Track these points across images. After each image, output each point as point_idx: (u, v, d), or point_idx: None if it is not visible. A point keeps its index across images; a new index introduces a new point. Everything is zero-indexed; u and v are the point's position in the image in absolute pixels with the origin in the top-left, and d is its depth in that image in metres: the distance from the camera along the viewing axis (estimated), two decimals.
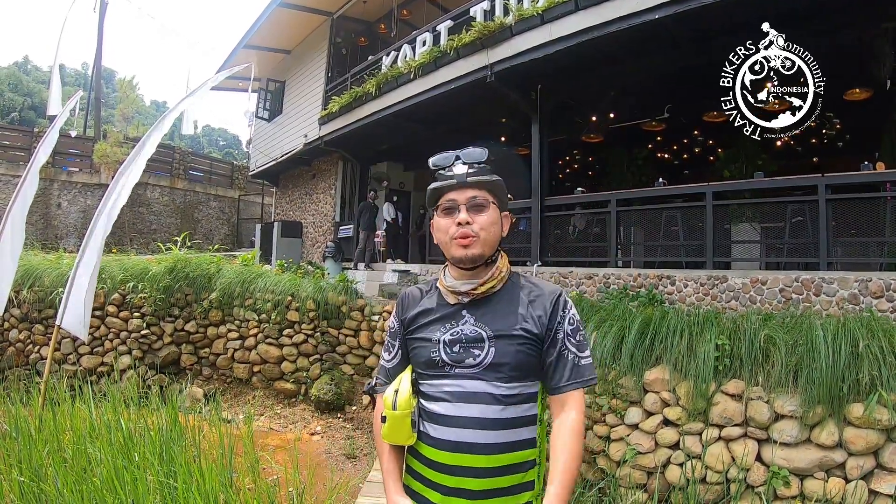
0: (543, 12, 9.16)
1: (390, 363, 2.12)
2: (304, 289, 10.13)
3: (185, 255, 10.94)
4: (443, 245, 2.01)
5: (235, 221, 28.18)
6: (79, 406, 5.41)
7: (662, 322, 6.24)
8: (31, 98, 48.73)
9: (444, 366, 1.90)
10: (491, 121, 12.70)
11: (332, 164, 17.95)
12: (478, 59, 10.45)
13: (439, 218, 2.00)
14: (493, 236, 1.97)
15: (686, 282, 7.77)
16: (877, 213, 6.92)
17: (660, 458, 5.63)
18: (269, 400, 9.85)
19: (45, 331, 10.02)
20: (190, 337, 10.34)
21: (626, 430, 5.98)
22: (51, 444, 4.61)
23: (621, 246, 9.72)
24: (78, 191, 22.62)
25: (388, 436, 1.93)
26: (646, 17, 7.86)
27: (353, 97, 13.97)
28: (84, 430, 4.80)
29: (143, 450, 4.25)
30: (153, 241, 21.95)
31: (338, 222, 17.29)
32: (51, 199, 21.42)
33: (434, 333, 1.96)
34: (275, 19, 16.99)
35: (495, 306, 1.96)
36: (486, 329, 1.90)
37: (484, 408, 1.83)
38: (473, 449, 1.81)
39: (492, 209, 1.98)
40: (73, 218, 22.34)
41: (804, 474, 4.85)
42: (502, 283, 2.01)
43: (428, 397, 1.93)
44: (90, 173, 23.09)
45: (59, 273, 10.25)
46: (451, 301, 2.00)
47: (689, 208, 8.69)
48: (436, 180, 2.02)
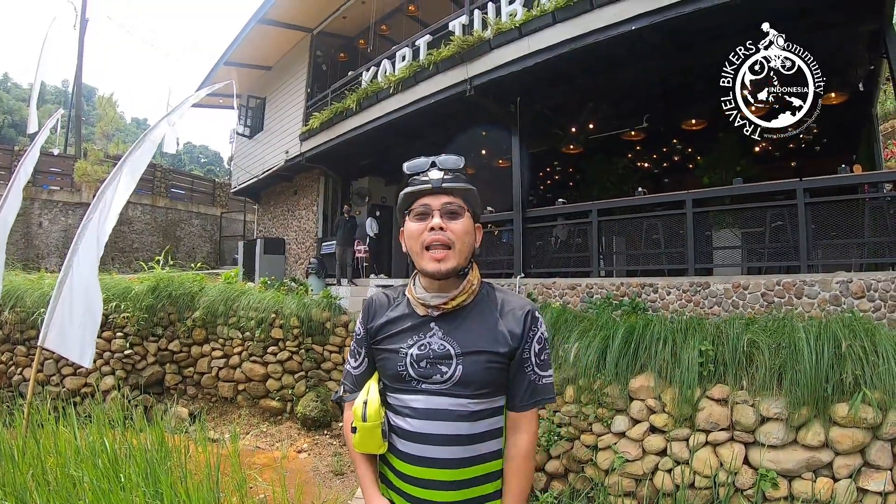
0: (521, 26, 9.24)
1: (357, 370, 2.07)
2: (288, 306, 10.11)
3: (167, 274, 10.90)
4: (414, 254, 1.92)
5: (218, 239, 28.02)
6: (63, 428, 5.33)
7: (646, 330, 6.27)
8: (12, 116, 48.62)
9: (411, 380, 1.86)
10: (471, 134, 12.73)
11: (314, 179, 17.91)
12: (457, 73, 10.50)
13: (411, 222, 1.92)
14: (467, 246, 1.90)
15: (669, 289, 7.80)
16: (856, 215, 6.99)
17: (648, 465, 5.64)
18: (255, 418, 9.79)
19: (27, 352, 9.92)
20: (174, 356, 10.29)
21: (614, 439, 5.99)
22: (35, 467, 4.52)
23: (603, 255, 9.74)
24: (59, 210, 22.42)
25: (359, 445, 1.91)
26: (622, 29, 7.96)
27: (334, 113, 13.97)
28: (69, 453, 4.72)
29: (128, 471, 4.20)
30: (135, 259, 21.84)
31: (320, 238, 17.21)
32: (32, 219, 21.23)
33: (401, 345, 1.91)
34: (255, 36, 17.01)
35: (465, 320, 1.92)
36: (454, 345, 1.86)
37: (450, 424, 1.81)
38: (440, 464, 1.81)
39: (466, 217, 1.91)
40: (55, 237, 22.15)
41: (792, 475, 4.87)
42: (473, 297, 1.96)
43: (395, 411, 1.90)
44: (71, 192, 22.92)
45: (41, 293, 10.15)
46: (420, 312, 1.95)
47: (670, 216, 8.72)
48: (409, 186, 1.96)
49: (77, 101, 27.41)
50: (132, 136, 51.30)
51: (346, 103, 13.42)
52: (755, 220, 8.16)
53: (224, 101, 20.13)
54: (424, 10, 15.39)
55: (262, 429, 9.50)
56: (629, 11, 7.87)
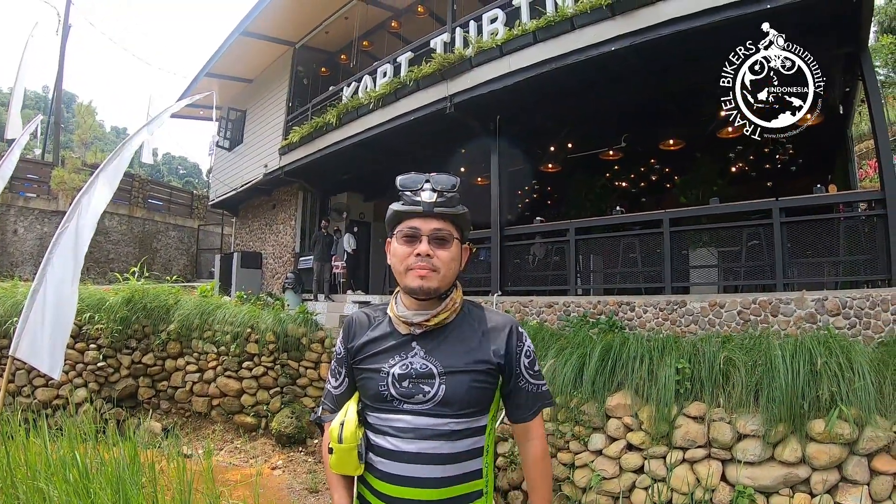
0: (503, 44, 9.35)
1: (337, 390, 2.06)
2: (264, 321, 10.05)
3: (142, 286, 10.80)
4: (397, 272, 1.93)
5: (195, 251, 27.82)
6: (34, 440, 5.26)
7: (623, 348, 6.31)
8: None
9: (393, 400, 1.85)
10: (451, 151, 12.78)
11: (293, 194, 17.87)
12: (437, 90, 10.58)
13: (398, 244, 1.92)
14: (452, 272, 1.92)
15: (646, 307, 7.85)
16: (830, 234, 7.11)
17: (625, 482, 5.65)
18: (229, 434, 9.70)
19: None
20: (147, 369, 10.18)
21: (591, 457, 6.00)
22: (3, 479, 4.45)
23: (581, 274, 9.79)
24: (35, 217, 22.14)
25: (336, 466, 1.89)
26: (602, 49, 8.12)
27: (314, 127, 13.98)
28: (39, 466, 4.64)
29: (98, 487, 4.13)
30: (110, 270, 21.61)
31: (297, 253, 17.15)
32: (7, 226, 21.01)
33: (383, 364, 1.90)
34: (237, 48, 16.98)
35: (447, 339, 1.92)
36: (436, 364, 1.86)
37: (432, 443, 1.80)
38: (421, 483, 1.79)
39: (454, 245, 1.92)
40: (30, 245, 21.86)
41: (770, 491, 4.91)
42: (455, 315, 1.95)
43: (375, 430, 1.89)
44: (48, 199, 22.63)
45: (14, 302, 10.06)
46: (401, 330, 1.93)
47: (648, 235, 8.79)
48: (399, 200, 1.95)
49: (56, 108, 27.13)
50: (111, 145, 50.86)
51: (327, 118, 13.43)
52: (732, 240, 8.24)
53: (204, 113, 20.04)
54: (407, 27, 15.48)
55: (237, 445, 9.41)
56: (608, 33, 8.05)
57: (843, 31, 7.38)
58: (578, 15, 8.34)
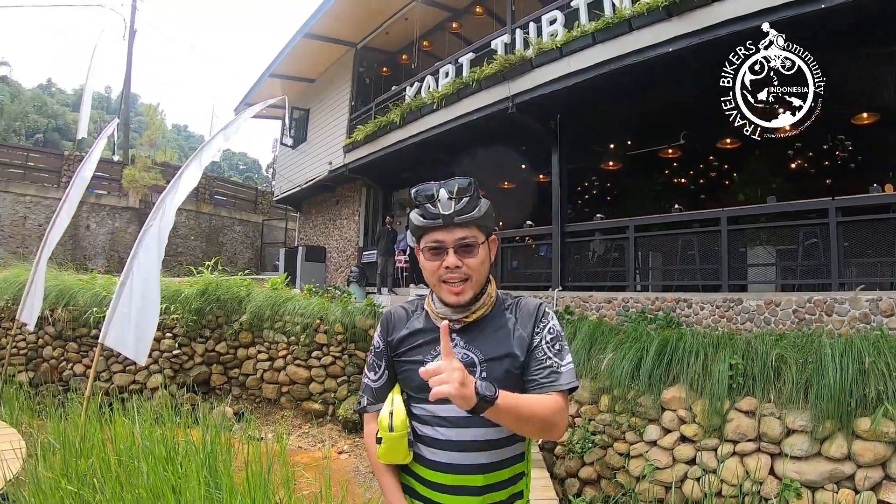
0: (562, 46, 9.49)
1: (377, 383, 2.07)
2: (333, 312, 10.38)
3: (216, 279, 11.26)
4: (432, 285, 1.96)
5: (259, 245, 28.52)
6: (120, 420, 5.66)
7: (679, 343, 6.44)
8: (56, 120, 49.60)
9: None
10: (511, 148, 12.96)
11: (356, 190, 18.28)
12: (499, 90, 10.78)
13: (426, 259, 1.93)
14: (483, 274, 1.92)
15: (703, 305, 7.95)
16: (887, 234, 7.06)
17: (677, 473, 5.81)
18: (298, 419, 10.03)
19: (78, 349, 10.38)
20: (220, 357, 10.61)
21: (645, 447, 6.17)
22: (97, 455, 4.88)
23: (639, 270, 9.89)
24: (106, 213, 23.20)
25: (384, 456, 1.92)
26: (660, 51, 8.20)
27: (378, 126, 14.35)
28: (125, 444, 5.09)
29: (186, 462, 4.54)
30: (179, 263, 22.37)
31: (361, 247, 17.57)
32: (80, 221, 21.79)
33: (426, 356, 1.92)
34: (300, 49, 17.52)
35: (485, 329, 1.94)
36: (477, 353, 1.89)
37: (476, 431, 1.83)
38: (468, 470, 1.84)
39: (481, 249, 1.91)
40: (102, 239, 22.93)
41: (815, 486, 5.01)
42: (491, 308, 1.98)
43: (420, 420, 1.92)
44: (119, 196, 23.74)
45: (93, 293, 10.61)
46: (439, 324, 1.82)
47: (705, 233, 8.85)
48: (417, 208, 1.94)
49: (125, 110, 28.21)
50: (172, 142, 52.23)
51: (390, 117, 13.79)
52: (789, 238, 8.27)
53: (267, 112, 20.56)
54: (467, 28, 15.72)
55: (304, 430, 9.73)
56: (665, 34, 8.11)
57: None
58: (636, 16, 8.40)
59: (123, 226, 23.77)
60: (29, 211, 21.78)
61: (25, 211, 21.71)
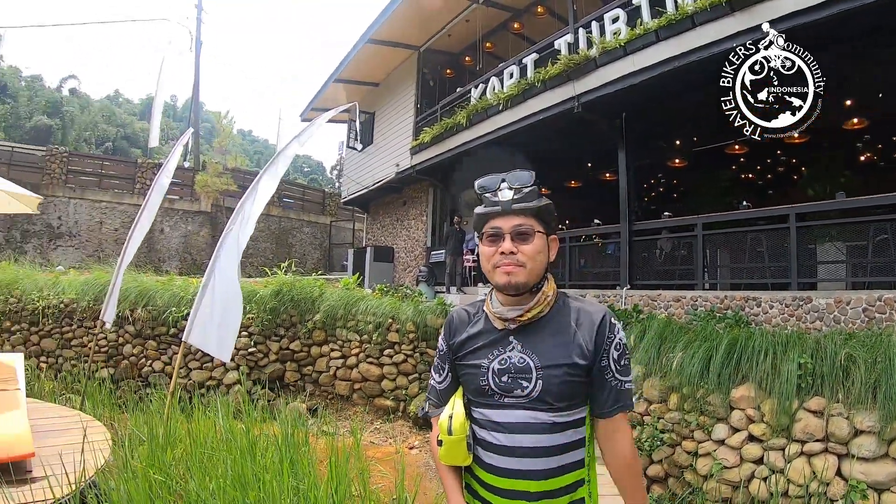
0: (626, 44, 9.53)
1: (441, 385, 2.12)
2: (404, 311, 10.70)
3: (290, 280, 11.71)
4: (486, 272, 1.97)
5: (327, 246, 29.19)
6: (200, 414, 6.14)
7: (748, 342, 6.43)
8: (124, 129, 51.46)
9: (494, 395, 1.90)
10: (576, 147, 13.00)
11: (423, 191, 18.54)
12: (564, 90, 10.89)
13: (484, 245, 1.96)
14: (539, 265, 1.91)
15: (771, 303, 7.89)
16: None
17: (744, 472, 5.85)
18: (369, 416, 10.36)
19: (157, 346, 11.02)
20: (294, 355, 11.05)
21: (713, 446, 6.22)
22: (183, 446, 5.29)
23: (707, 269, 9.82)
24: (179, 217, 24.31)
25: (445, 457, 1.96)
26: (724, 46, 8.10)
27: (445, 128, 14.62)
28: (207, 436, 5.47)
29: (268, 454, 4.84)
30: (251, 265, 23.09)
31: (429, 247, 17.83)
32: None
33: (483, 360, 1.94)
34: (363, 54, 17.92)
35: (543, 333, 1.93)
36: (533, 358, 1.88)
37: (534, 437, 1.84)
38: (526, 475, 1.84)
39: (537, 238, 1.91)
40: (175, 242, 24.04)
41: (882, 488, 4.99)
42: (549, 308, 1.95)
43: (480, 424, 1.94)
44: (191, 201, 24.87)
45: (171, 294, 11.23)
46: (498, 326, 1.96)
47: (774, 230, 8.74)
48: (481, 203, 2.01)
49: (195, 119, 29.18)
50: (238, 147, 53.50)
51: (457, 119, 14.02)
52: (859, 234, 8.12)
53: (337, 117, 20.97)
54: (529, 28, 15.80)
55: (376, 426, 10.01)
56: (728, 30, 8.07)
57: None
58: (699, 12, 8.39)
59: (196, 229, 24.79)
60: (105, 216, 22.91)
61: (101, 216, 22.86)
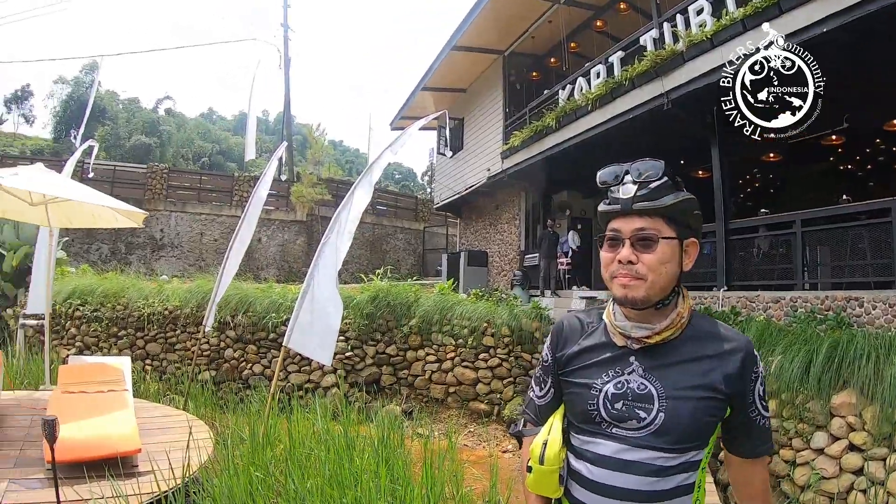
0: (712, 36, 9.34)
1: (541, 400, 1.84)
2: (500, 315, 10.91)
3: (386, 286, 12.10)
4: (605, 282, 1.68)
5: (420, 251, 29.74)
6: (299, 416, 6.45)
7: (850, 345, 6.23)
8: (219, 144, 54.30)
9: (602, 423, 1.61)
10: (666, 144, 12.75)
11: (515, 194, 18.60)
12: (653, 87, 10.77)
13: (603, 251, 1.66)
14: (664, 278, 1.58)
15: (874, 303, 7.54)
16: None
17: (843, 483, 5.67)
18: (463, 419, 10.58)
19: (257, 350, 11.63)
20: (390, 359, 11.40)
21: (812, 455, 6.06)
22: (282, 446, 5.60)
23: (807, 267, 9.39)
24: (276, 227, 25.38)
25: (533, 486, 1.70)
26: (813, 32, 7.87)
27: (534, 131, 14.67)
28: (305, 436, 5.76)
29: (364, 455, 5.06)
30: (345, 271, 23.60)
31: (523, 251, 17.85)
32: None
33: (595, 380, 1.64)
34: (449, 61, 18.16)
35: (672, 357, 1.61)
36: (657, 385, 1.57)
37: (639, 479, 1.53)
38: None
39: (662, 245, 1.57)
40: (272, 251, 25.15)
41: None
42: (682, 331, 1.63)
43: (576, 453, 1.66)
44: (286, 211, 25.97)
45: (270, 301, 11.85)
46: (618, 342, 1.65)
47: (875, 224, 8.30)
48: (604, 201, 1.70)
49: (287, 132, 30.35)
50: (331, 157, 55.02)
51: (545, 121, 14.08)
52: None
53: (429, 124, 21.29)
54: (612, 25, 15.55)
55: (470, 429, 10.19)
56: (817, 14, 7.82)
57: None
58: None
59: (292, 238, 25.75)
60: (205, 228, 24.18)
61: (201, 228, 24.16)
